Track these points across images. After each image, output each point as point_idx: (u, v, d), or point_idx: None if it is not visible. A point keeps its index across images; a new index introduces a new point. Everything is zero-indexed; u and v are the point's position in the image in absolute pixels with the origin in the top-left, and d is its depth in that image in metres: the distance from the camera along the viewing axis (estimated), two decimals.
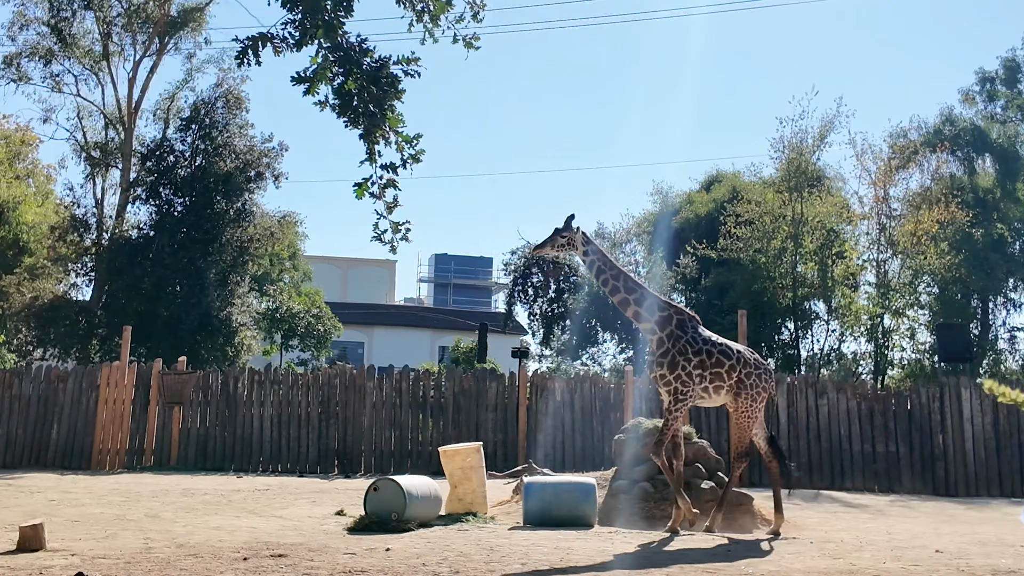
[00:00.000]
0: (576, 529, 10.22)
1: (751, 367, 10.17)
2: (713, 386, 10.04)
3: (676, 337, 9.94)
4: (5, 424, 18.98)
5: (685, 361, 9.85)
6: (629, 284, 10.16)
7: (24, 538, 8.23)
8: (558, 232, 10.20)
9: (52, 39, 29.01)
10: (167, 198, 27.14)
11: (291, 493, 14.05)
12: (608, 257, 10.41)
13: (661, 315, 10.04)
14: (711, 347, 10.03)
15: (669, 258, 29.55)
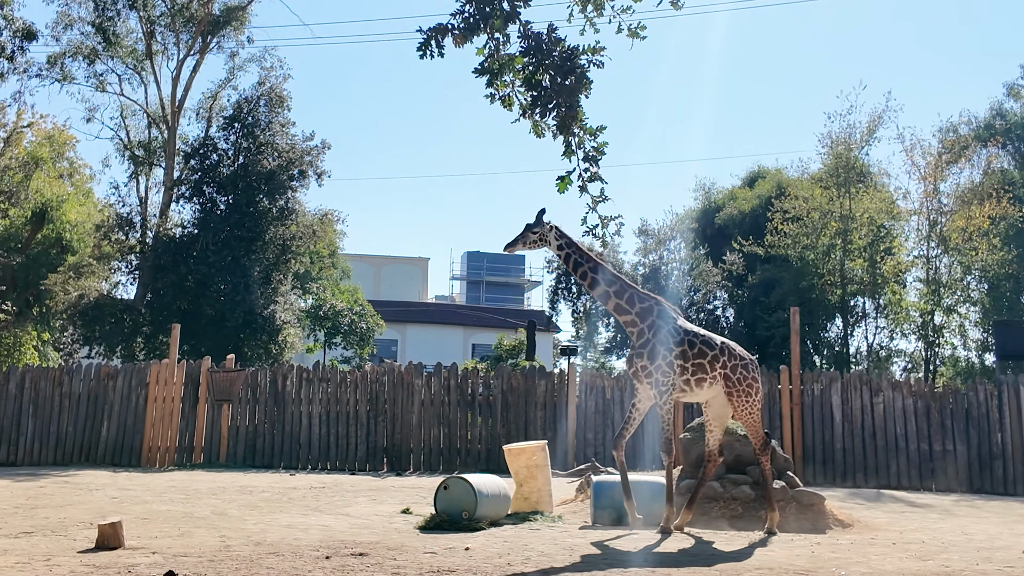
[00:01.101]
0: (648, 529, 10.09)
1: (736, 359, 9.89)
2: (695, 379, 9.75)
3: (657, 328, 9.73)
4: (56, 421, 19.06)
5: (666, 351, 9.62)
6: (608, 276, 9.94)
7: (103, 536, 8.20)
8: (529, 228, 9.96)
9: (96, 39, 29.16)
10: (210, 196, 27.21)
11: (348, 491, 13.98)
12: (584, 249, 10.08)
13: (642, 306, 9.83)
14: (693, 337, 9.77)
15: (714, 255, 29.34)
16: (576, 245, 10.01)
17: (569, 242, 9.97)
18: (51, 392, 19.24)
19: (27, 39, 27.06)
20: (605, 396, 18.76)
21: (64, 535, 8.87)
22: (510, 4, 6.28)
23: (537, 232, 9.91)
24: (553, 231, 9.94)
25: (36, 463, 18.63)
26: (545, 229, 9.92)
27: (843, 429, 17.93)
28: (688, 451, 11.94)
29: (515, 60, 6.56)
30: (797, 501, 11.12)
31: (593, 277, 9.90)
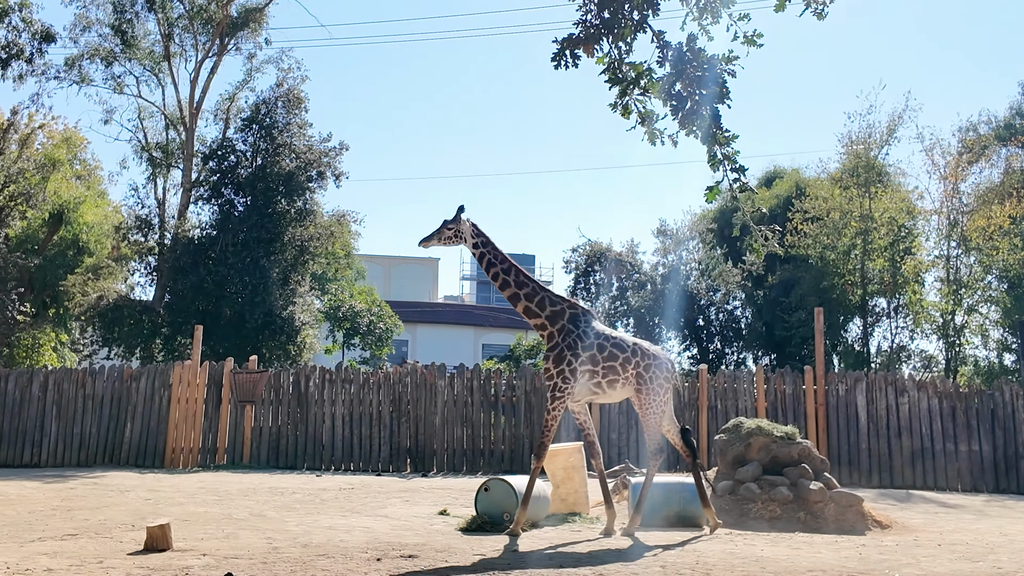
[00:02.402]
0: (688, 530, 10.09)
1: (650, 359, 9.76)
2: (607, 381, 9.66)
3: (567, 332, 9.60)
4: (79, 423, 19.10)
5: (572, 356, 9.47)
6: (520, 278, 9.78)
7: (152, 538, 8.21)
8: (446, 224, 9.93)
9: (114, 41, 29.18)
10: (229, 198, 27.19)
11: (378, 492, 13.98)
12: (499, 250, 9.96)
13: (552, 310, 9.71)
14: (603, 340, 9.66)
15: (732, 255, 29.27)
16: (492, 244, 9.90)
17: (485, 241, 9.88)
18: (74, 394, 19.28)
19: (45, 41, 27.09)
20: None
21: (109, 537, 8.88)
22: (639, 13, 6.25)
23: (452, 228, 9.88)
24: (470, 228, 9.89)
25: (60, 464, 18.67)
26: (462, 226, 9.87)
27: (868, 430, 17.91)
28: (724, 452, 11.94)
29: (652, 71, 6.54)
30: (835, 502, 11.10)
31: (505, 278, 9.75)
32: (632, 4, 6.26)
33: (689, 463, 10.15)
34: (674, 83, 6.59)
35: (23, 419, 19.04)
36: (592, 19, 6.36)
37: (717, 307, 30.74)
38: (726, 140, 6.77)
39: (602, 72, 6.74)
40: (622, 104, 6.81)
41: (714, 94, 6.58)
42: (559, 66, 6.48)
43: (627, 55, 6.65)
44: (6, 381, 19.34)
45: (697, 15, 6.66)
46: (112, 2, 29.12)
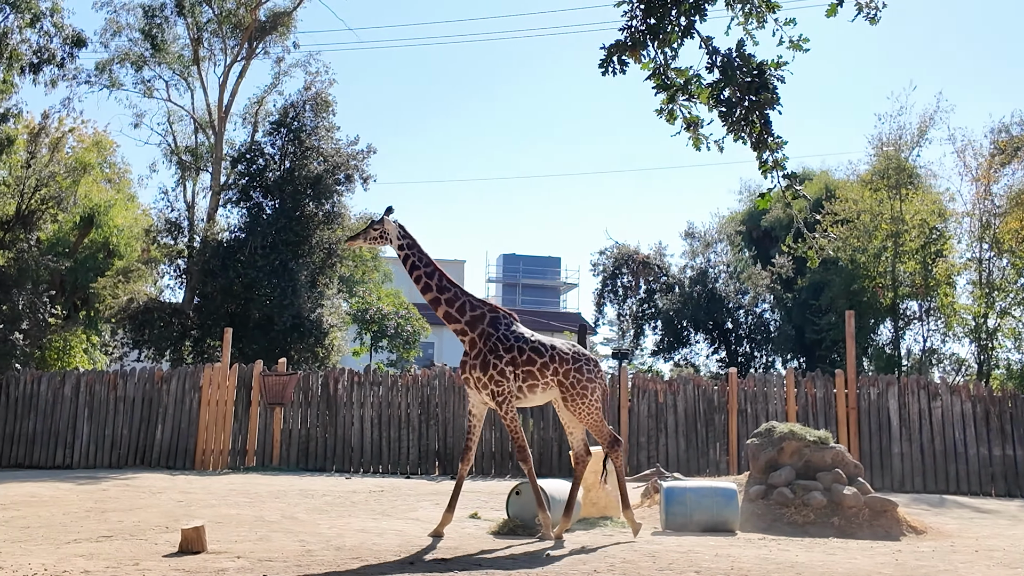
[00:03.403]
0: (721, 535, 10.03)
1: (569, 363, 9.65)
2: (527, 385, 9.60)
3: (487, 336, 9.59)
4: (111, 424, 19.25)
5: (496, 359, 9.47)
6: (443, 283, 9.78)
7: (186, 540, 8.24)
8: (372, 224, 10.02)
9: (144, 45, 29.40)
10: (257, 201, 27.32)
11: (408, 495, 13.98)
12: (425, 253, 9.95)
13: (472, 315, 9.69)
14: (523, 344, 9.59)
15: (760, 258, 29.11)
16: (417, 247, 9.91)
17: (411, 243, 9.88)
18: (106, 395, 19.43)
19: (76, 46, 27.28)
20: (658, 400, 18.65)
21: (144, 539, 8.92)
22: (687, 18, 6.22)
23: (379, 229, 9.93)
24: (396, 230, 9.90)
25: (92, 466, 18.81)
26: (388, 226, 9.89)
27: (901, 434, 17.74)
28: (756, 456, 11.85)
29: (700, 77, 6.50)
30: (870, 508, 11.01)
31: (427, 282, 9.74)
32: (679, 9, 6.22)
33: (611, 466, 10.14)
34: (723, 89, 6.53)
35: (55, 420, 19.22)
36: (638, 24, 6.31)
37: (746, 310, 30.58)
38: (776, 146, 6.71)
39: (648, 78, 6.70)
40: (667, 110, 6.76)
41: (764, 99, 6.52)
42: (606, 72, 6.44)
43: (673, 60, 6.60)
44: (39, 383, 19.53)
45: (743, 20, 6.61)
46: (142, 7, 29.34)
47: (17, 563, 7.47)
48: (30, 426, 19.20)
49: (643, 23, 6.30)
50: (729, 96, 6.55)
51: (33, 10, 25.90)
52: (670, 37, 6.39)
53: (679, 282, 30.03)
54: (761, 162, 6.85)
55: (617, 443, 9.90)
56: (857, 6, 6.74)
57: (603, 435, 9.85)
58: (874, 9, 6.69)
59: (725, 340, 30.61)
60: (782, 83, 6.55)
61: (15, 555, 7.88)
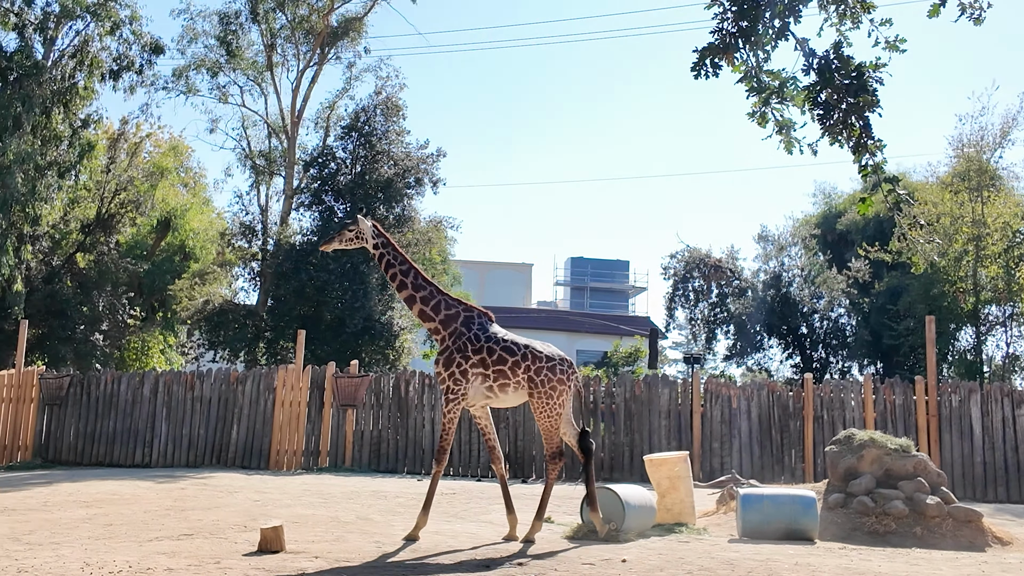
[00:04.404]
0: (799, 543, 9.83)
1: (542, 362, 9.45)
2: (498, 384, 9.44)
3: (458, 335, 9.51)
4: (188, 424, 19.57)
5: (462, 359, 9.37)
6: (418, 281, 9.73)
7: (265, 539, 8.33)
8: (346, 226, 9.97)
9: (219, 52, 30.04)
10: (329, 204, 27.74)
11: (479, 497, 13.95)
12: (400, 251, 9.92)
13: (447, 313, 9.63)
14: (493, 344, 9.44)
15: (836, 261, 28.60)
16: (392, 246, 9.89)
17: (385, 242, 9.87)
18: (183, 396, 19.75)
19: (155, 53, 27.97)
20: (731, 406, 18.40)
21: (223, 538, 9.04)
22: (780, 20, 6.11)
23: (353, 230, 9.89)
24: (371, 229, 9.89)
25: (170, 464, 19.15)
26: (362, 226, 9.86)
27: (983, 442, 17.25)
28: (835, 464, 11.60)
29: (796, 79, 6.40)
30: (953, 517, 10.72)
31: (403, 279, 9.71)
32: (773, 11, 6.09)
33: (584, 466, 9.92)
34: (820, 91, 6.39)
35: (135, 420, 19.61)
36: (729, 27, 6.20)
37: (821, 314, 30.06)
38: (876, 148, 6.54)
39: (739, 81, 6.58)
40: (760, 113, 6.64)
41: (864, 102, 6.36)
42: (699, 75, 6.34)
43: (765, 63, 6.48)
44: (118, 383, 19.94)
45: (836, 21, 6.46)
46: (218, 14, 30.01)
47: (103, 560, 7.62)
48: (110, 425, 19.61)
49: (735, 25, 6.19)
50: (826, 99, 6.39)
51: (113, 18, 26.61)
52: (763, 39, 6.26)
53: (752, 286, 29.65)
54: (861, 166, 6.67)
55: (560, 457, 9.69)
56: (960, 6, 6.55)
57: (552, 442, 9.67)
58: (978, 9, 6.48)
59: (799, 345, 30.12)
60: (881, 85, 6.38)
61: (100, 552, 8.04)
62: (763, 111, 6.69)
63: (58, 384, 19.76)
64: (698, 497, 13.08)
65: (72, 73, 26.64)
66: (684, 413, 18.54)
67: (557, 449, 9.64)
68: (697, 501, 12.47)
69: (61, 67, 26.44)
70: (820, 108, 6.47)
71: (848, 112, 6.42)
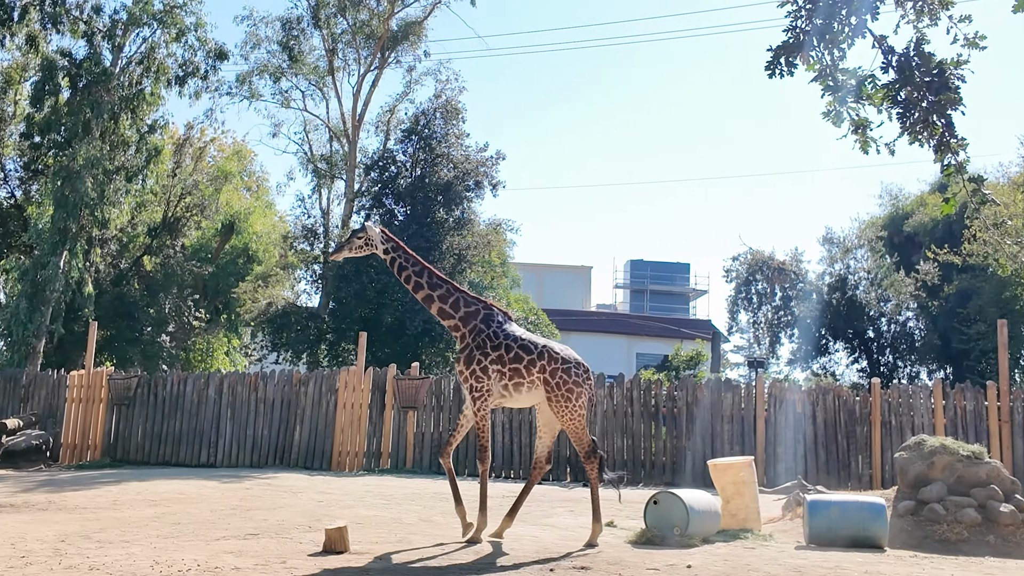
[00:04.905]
0: (867, 551, 9.61)
1: (557, 363, 9.39)
2: (513, 383, 9.40)
3: (477, 331, 9.49)
4: (252, 425, 19.79)
5: (482, 355, 9.36)
6: (433, 280, 9.72)
7: (330, 540, 8.38)
8: (355, 234, 10.01)
9: (282, 57, 30.47)
10: (389, 207, 27.93)
11: (541, 501, 13.88)
12: (411, 253, 9.90)
13: (466, 311, 9.60)
14: (511, 342, 9.42)
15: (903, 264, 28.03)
16: (403, 248, 9.89)
17: (396, 246, 9.88)
18: (247, 397, 19.98)
19: (219, 59, 28.44)
20: (796, 410, 18.11)
21: (288, 538, 9.11)
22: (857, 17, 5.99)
23: (363, 237, 9.90)
24: (379, 235, 9.89)
25: (234, 465, 19.37)
26: (371, 233, 9.88)
27: None
28: (905, 471, 11.33)
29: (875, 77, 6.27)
30: None
31: (417, 280, 9.70)
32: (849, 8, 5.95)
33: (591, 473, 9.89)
34: (900, 89, 6.23)
35: (200, 420, 19.88)
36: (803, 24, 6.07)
37: (888, 318, 29.48)
38: (959, 147, 6.37)
39: (813, 79, 6.45)
40: (834, 112, 6.50)
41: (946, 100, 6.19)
42: (773, 75, 6.23)
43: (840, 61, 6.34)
44: (184, 384, 20.24)
45: (914, 18, 6.29)
46: (280, 20, 30.41)
47: (171, 558, 7.72)
48: (176, 426, 19.91)
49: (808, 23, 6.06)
50: (906, 97, 6.23)
51: (178, 25, 27.11)
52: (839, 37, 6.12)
53: (817, 289, 29.21)
54: (943, 165, 6.50)
55: (594, 454, 9.69)
56: None
57: (582, 443, 9.67)
58: None
59: (866, 349, 29.58)
60: (963, 83, 6.20)
61: (168, 550, 8.14)
62: (838, 110, 6.54)
63: (126, 385, 20.12)
64: (763, 503, 12.87)
65: (139, 79, 27.19)
66: (747, 418, 18.30)
67: (589, 447, 9.65)
68: (762, 507, 12.27)
69: (129, 73, 26.98)
70: (900, 107, 6.30)
71: (929, 110, 6.25)
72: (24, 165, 30.13)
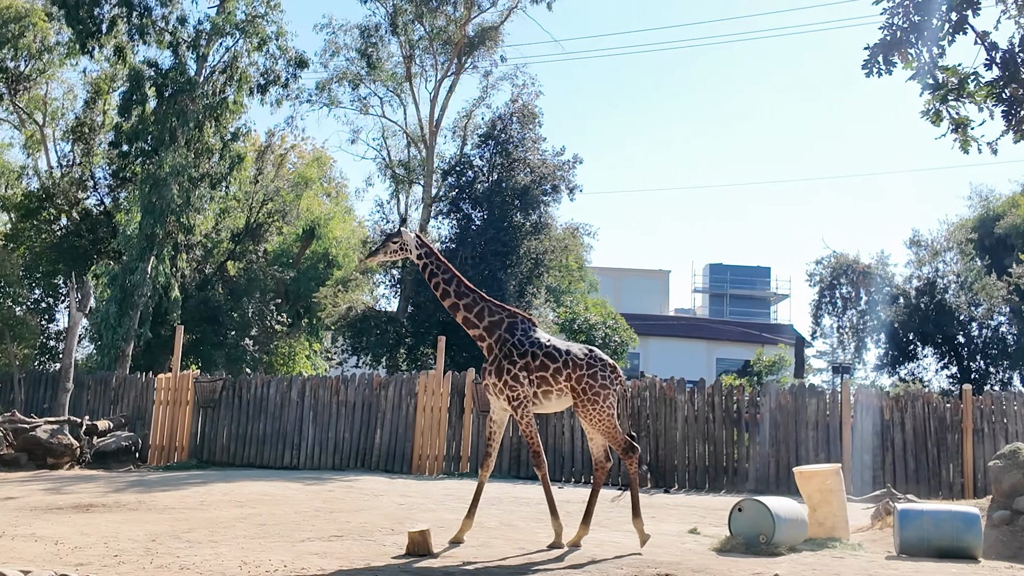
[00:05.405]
0: (961, 562, 9.31)
1: (583, 368, 9.40)
2: (541, 391, 9.47)
3: (503, 341, 9.54)
4: (333, 428, 20.00)
5: (510, 364, 9.39)
6: (461, 289, 9.78)
7: (413, 543, 8.42)
8: (390, 238, 10.10)
9: (360, 64, 30.83)
10: (467, 212, 28.03)
11: (622, 507, 13.78)
12: (443, 261, 9.98)
13: (491, 320, 9.65)
14: (536, 349, 9.46)
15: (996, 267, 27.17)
16: (435, 255, 9.97)
17: (428, 252, 9.95)
18: (329, 400, 20.19)
19: (299, 67, 28.87)
20: (883, 417, 17.66)
21: (372, 540, 9.17)
22: (958, 13, 5.82)
23: (398, 242, 9.99)
24: (414, 240, 9.97)
25: (316, 467, 19.59)
26: (406, 238, 9.97)
27: None
28: (1000, 479, 10.95)
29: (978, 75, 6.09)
30: None
31: (445, 288, 9.79)
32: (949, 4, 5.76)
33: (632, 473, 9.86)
34: (1005, 87, 6.02)
35: (283, 423, 20.15)
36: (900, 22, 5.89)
37: (979, 323, 28.56)
38: None
39: (911, 78, 6.26)
40: (934, 110, 6.30)
41: None
42: (870, 73, 6.07)
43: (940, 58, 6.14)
44: (268, 387, 20.56)
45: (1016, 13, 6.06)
46: (359, 27, 30.77)
47: (258, 559, 7.83)
48: (260, 428, 20.22)
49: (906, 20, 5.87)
50: (1011, 94, 6.00)
51: (260, 34, 27.60)
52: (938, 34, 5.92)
53: (904, 293, 28.45)
54: None
55: (633, 450, 9.65)
56: None
57: (617, 441, 9.64)
58: None
59: (956, 355, 28.70)
60: None
61: (255, 551, 8.26)
62: (938, 109, 6.33)
63: (211, 387, 20.51)
64: (850, 511, 12.56)
65: (222, 88, 27.76)
66: (832, 424, 17.91)
67: (626, 444, 9.64)
68: (850, 515, 11.99)
69: (212, 82, 27.56)
70: (1004, 104, 6.07)
71: None
72: (113, 173, 30.99)
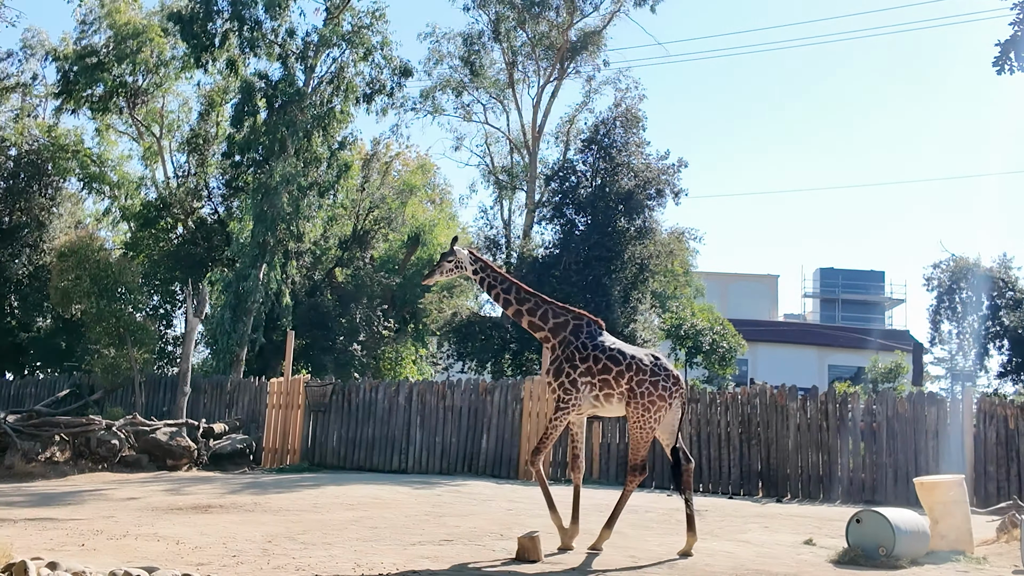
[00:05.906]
0: None
1: (645, 374, 9.31)
2: (603, 394, 9.39)
3: (567, 343, 9.52)
4: (440, 432, 20.15)
5: (571, 368, 9.37)
6: (522, 295, 9.82)
7: (523, 548, 8.40)
8: (444, 257, 10.15)
9: (463, 72, 31.11)
10: (570, 217, 27.89)
11: (733, 516, 13.52)
12: (498, 271, 10.09)
13: (555, 322, 9.65)
14: (599, 352, 9.40)
15: None
16: (490, 268, 10.07)
17: (484, 266, 10.05)
18: (435, 405, 20.35)
19: (404, 76, 29.23)
20: (1008, 426, 16.89)
21: (481, 545, 9.19)
22: None
23: (452, 260, 10.09)
24: (468, 257, 10.08)
25: (424, 471, 19.77)
26: (460, 256, 10.06)
27: None
28: None
29: None
30: None
31: (506, 297, 9.83)
32: None
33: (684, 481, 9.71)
34: None
35: (391, 427, 20.40)
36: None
37: None
38: None
39: None
40: None
41: None
42: (1002, 70, 5.81)
43: None
44: (376, 391, 20.85)
45: None
46: (461, 35, 31.05)
47: (371, 561, 7.91)
48: (369, 432, 20.51)
49: None
50: None
51: (366, 45, 28.08)
52: None
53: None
54: None
55: (642, 471, 9.51)
56: None
57: (638, 455, 9.50)
58: None
59: None
60: None
61: (367, 554, 8.35)
62: None
63: (322, 392, 20.91)
64: (975, 524, 12.05)
65: (330, 98, 28.33)
66: (954, 433, 17.20)
67: (639, 463, 9.55)
68: (974, 528, 11.50)
69: (320, 93, 28.15)
70: None
71: None
72: (226, 183, 31.93)
